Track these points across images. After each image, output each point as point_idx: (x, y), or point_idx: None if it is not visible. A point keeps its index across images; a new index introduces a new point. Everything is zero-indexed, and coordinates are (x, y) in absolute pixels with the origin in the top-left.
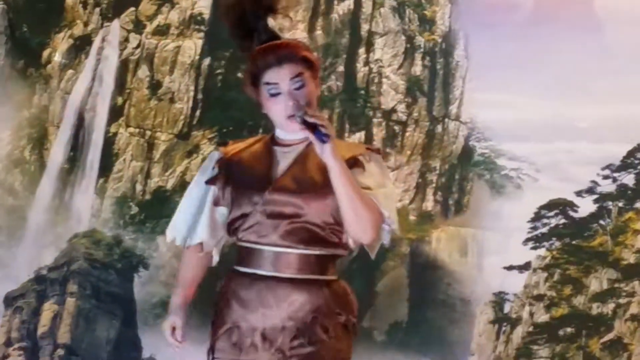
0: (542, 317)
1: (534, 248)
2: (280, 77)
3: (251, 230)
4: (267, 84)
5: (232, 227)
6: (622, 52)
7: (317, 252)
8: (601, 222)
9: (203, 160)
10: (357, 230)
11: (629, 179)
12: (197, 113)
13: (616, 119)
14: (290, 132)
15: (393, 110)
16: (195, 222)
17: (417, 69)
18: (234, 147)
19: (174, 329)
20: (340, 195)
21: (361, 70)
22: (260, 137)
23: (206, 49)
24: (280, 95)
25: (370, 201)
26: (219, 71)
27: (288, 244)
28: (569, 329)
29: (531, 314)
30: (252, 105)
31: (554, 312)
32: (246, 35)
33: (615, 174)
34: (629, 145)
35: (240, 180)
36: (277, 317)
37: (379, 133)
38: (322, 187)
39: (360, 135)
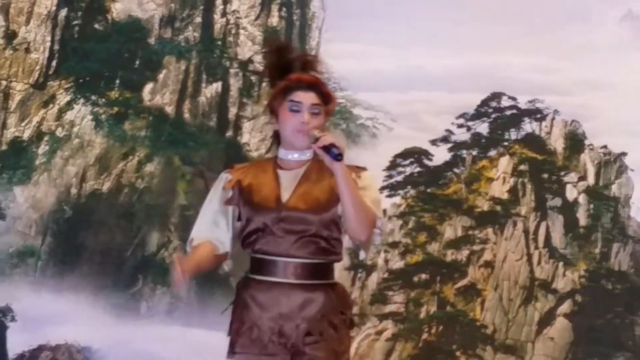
0: (397, 264)
1: (390, 196)
2: (304, 99)
3: (265, 243)
4: (292, 101)
5: (247, 240)
6: (473, 3)
7: (321, 261)
8: (455, 170)
9: (60, 110)
10: (356, 227)
11: (482, 127)
12: (54, 63)
13: (470, 69)
14: (291, 150)
15: (250, 60)
16: (217, 232)
17: (274, 20)
18: (240, 169)
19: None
20: (344, 196)
21: (218, 21)
22: (264, 160)
23: (62, 0)
24: (298, 113)
25: (366, 204)
26: (75, 22)
27: (298, 255)
28: (423, 275)
29: (386, 261)
30: (110, 56)
31: (408, 259)
32: (282, 75)
33: (470, 123)
34: (482, 95)
35: (251, 200)
36: (291, 317)
37: (235, 83)
38: (325, 205)
39: (217, 86)
